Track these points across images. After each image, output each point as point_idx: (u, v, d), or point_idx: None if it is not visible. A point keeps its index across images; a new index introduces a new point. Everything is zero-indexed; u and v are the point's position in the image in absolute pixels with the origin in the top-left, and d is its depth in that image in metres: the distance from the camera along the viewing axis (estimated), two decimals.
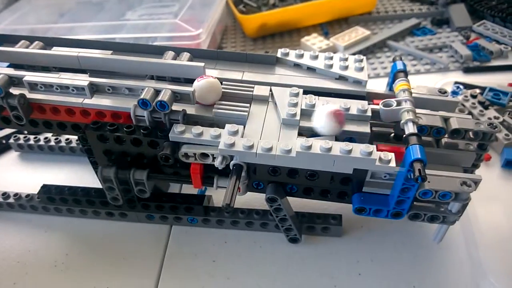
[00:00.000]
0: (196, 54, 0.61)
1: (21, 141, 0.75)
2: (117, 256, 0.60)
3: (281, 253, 0.59)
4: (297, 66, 0.61)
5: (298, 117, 0.51)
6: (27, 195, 0.65)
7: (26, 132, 0.79)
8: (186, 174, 0.53)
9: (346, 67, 0.59)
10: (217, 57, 0.62)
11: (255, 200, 0.63)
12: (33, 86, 0.53)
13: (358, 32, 0.94)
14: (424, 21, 1.03)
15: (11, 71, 0.54)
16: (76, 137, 0.76)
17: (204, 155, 0.51)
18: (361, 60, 0.60)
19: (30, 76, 0.53)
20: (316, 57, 0.61)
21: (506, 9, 0.96)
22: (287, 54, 0.62)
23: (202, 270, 0.58)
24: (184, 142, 0.51)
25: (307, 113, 0.52)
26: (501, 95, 0.75)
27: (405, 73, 0.56)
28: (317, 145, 0.46)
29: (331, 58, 0.61)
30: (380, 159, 0.46)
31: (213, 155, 0.50)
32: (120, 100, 0.54)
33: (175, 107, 0.52)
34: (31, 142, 0.75)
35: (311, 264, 0.57)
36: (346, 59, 0.60)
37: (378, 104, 0.52)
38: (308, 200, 0.56)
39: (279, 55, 0.62)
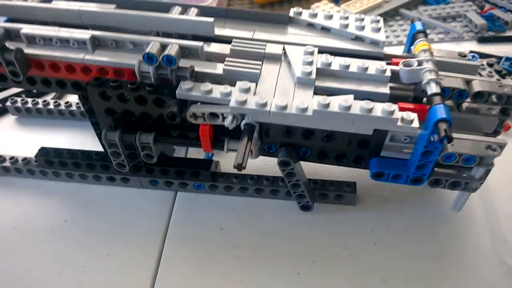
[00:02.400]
0: (204, 12, 0.57)
1: (19, 104, 0.72)
2: (118, 223, 0.57)
3: (292, 221, 0.56)
4: (310, 26, 0.58)
5: (313, 76, 0.48)
6: (24, 159, 0.62)
7: (24, 95, 0.75)
8: (194, 136, 0.51)
9: (362, 28, 0.56)
10: (226, 15, 0.59)
11: (264, 167, 0.61)
12: (31, 40, 0.50)
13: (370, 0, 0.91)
14: None
15: (8, 24, 0.50)
16: (75, 100, 0.72)
17: (214, 115, 0.48)
18: (378, 21, 0.57)
19: (28, 29, 0.50)
20: (330, 17, 0.58)
21: None
22: (300, 13, 0.58)
23: (208, 238, 0.55)
24: (192, 101, 0.48)
25: (323, 73, 0.49)
26: None
27: (425, 34, 0.52)
28: (336, 103, 0.44)
29: (347, 18, 0.57)
30: (402, 119, 0.43)
31: (223, 114, 0.47)
32: (123, 56, 0.50)
33: (183, 63, 0.48)
34: (29, 105, 0.72)
35: (324, 233, 0.55)
36: (362, 19, 0.57)
37: (397, 65, 0.49)
38: (320, 167, 0.53)
39: (291, 14, 0.58)
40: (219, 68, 0.50)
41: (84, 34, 0.49)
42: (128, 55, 0.50)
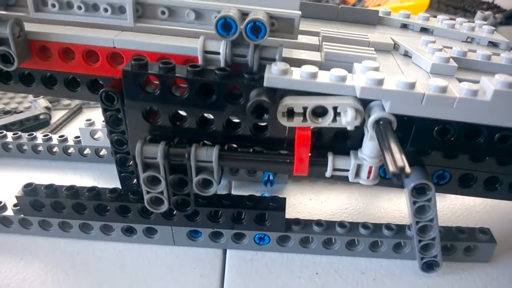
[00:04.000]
0: None
1: None
2: None
3: (408, 287, 0.38)
4: (404, 27, 0.45)
5: (454, 63, 0.34)
6: None
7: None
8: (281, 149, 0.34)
9: (473, 28, 0.44)
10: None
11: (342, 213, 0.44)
12: (39, 4, 0.34)
13: None
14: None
15: None
16: (74, 133, 0.54)
17: (318, 113, 0.32)
18: (488, 25, 0.45)
19: None
20: (427, 18, 0.46)
21: None
22: (389, 13, 0.46)
23: None
24: (286, 91, 0.32)
25: (460, 64, 0.35)
26: None
27: None
28: None
29: (448, 19, 0.46)
30: None
31: (337, 108, 0.31)
32: (175, 38, 0.35)
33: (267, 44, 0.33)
34: (8, 139, 0.53)
35: None
36: (468, 21, 0.45)
37: None
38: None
39: (380, 14, 0.46)
40: (316, 55, 0.35)
41: None
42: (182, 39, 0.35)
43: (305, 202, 0.48)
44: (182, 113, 0.35)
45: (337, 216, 0.45)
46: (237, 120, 0.34)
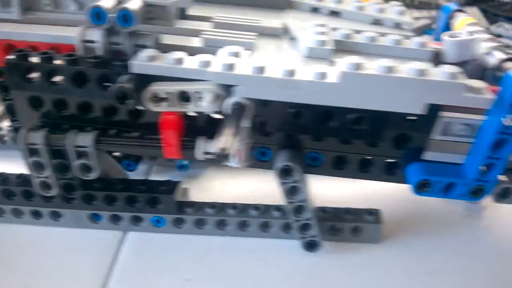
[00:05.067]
0: None
1: None
2: (38, 276, 0.38)
3: (291, 266, 0.39)
4: (315, 10, 0.46)
5: (329, 46, 0.34)
6: None
7: None
8: (155, 136, 0.35)
9: (383, 9, 0.44)
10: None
11: (253, 196, 0.45)
12: None
13: None
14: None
15: None
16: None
17: (184, 98, 0.33)
18: (400, 4, 0.46)
19: None
20: (340, 1, 0.46)
21: None
22: None
23: None
24: (155, 78, 0.33)
25: (342, 47, 0.36)
26: None
27: (464, 12, 0.41)
28: (375, 64, 0.30)
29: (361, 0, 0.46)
30: (470, 88, 0.30)
31: (200, 93, 0.32)
32: (64, 28, 0.36)
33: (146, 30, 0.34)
34: None
35: (337, 282, 0.38)
36: (380, 2, 0.46)
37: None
38: (326, 189, 0.38)
39: None
40: (196, 41, 0.36)
41: None
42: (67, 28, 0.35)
43: (218, 186, 0.49)
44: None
45: (249, 199, 0.46)
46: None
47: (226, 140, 0.26)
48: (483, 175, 0.32)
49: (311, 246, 0.39)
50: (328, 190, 0.45)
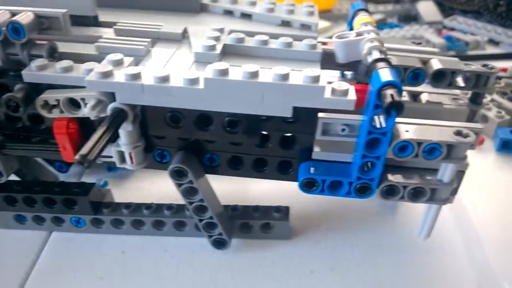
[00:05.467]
0: None
1: None
2: None
3: (201, 264, 0.40)
4: (229, 13, 0.46)
5: (217, 51, 0.35)
6: None
7: None
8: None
9: (291, 11, 0.45)
10: (120, 3, 0.47)
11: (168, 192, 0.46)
12: None
13: None
14: (390, 19, 0.92)
15: None
16: None
17: (74, 104, 0.34)
18: (312, 6, 0.46)
19: None
20: (254, 3, 0.46)
21: (478, 4, 0.87)
22: (216, 0, 0.47)
23: None
24: (49, 86, 0.34)
25: (233, 51, 0.37)
26: None
27: (367, 11, 0.41)
28: (238, 70, 0.30)
29: (273, 2, 0.46)
30: (332, 90, 0.30)
31: (85, 100, 0.33)
32: None
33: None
34: None
35: (246, 279, 0.39)
36: (292, 4, 0.46)
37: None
38: (244, 190, 0.39)
39: (205, 0, 0.47)
40: (91, 48, 0.37)
41: None
42: None
43: (147, 186, 0.50)
44: None
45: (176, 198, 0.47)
46: None
47: (88, 146, 0.27)
48: (366, 174, 0.33)
49: (219, 244, 0.40)
50: (249, 189, 0.46)
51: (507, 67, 0.67)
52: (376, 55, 0.32)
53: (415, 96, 0.40)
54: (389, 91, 0.28)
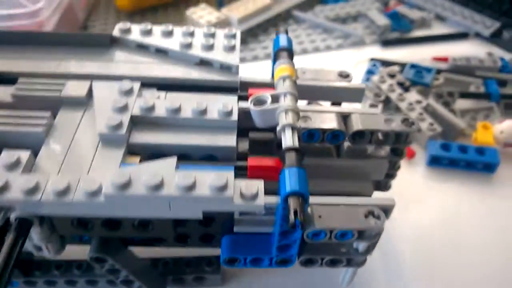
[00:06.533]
0: None
1: None
2: None
3: None
4: (142, 48, 0.43)
5: (124, 131, 0.33)
6: None
7: None
8: None
9: (210, 46, 0.41)
10: (26, 41, 0.42)
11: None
12: None
13: (257, 1, 0.77)
14: None
15: None
16: None
17: None
18: (234, 36, 0.43)
19: None
20: (170, 33, 0.43)
21: None
22: (128, 31, 0.43)
23: None
24: None
25: (142, 121, 0.34)
26: (424, 72, 0.60)
27: (289, 52, 0.39)
28: (141, 180, 0.28)
29: (192, 34, 0.43)
30: (241, 194, 0.29)
31: None
32: None
33: None
34: None
35: None
36: (212, 35, 0.43)
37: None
38: None
39: (116, 33, 0.43)
40: None
41: None
42: None
43: None
44: None
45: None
46: None
47: None
48: (284, 252, 0.33)
49: None
50: None
51: (447, 56, 0.65)
52: (288, 138, 0.31)
53: (338, 147, 0.39)
54: (295, 202, 0.27)
